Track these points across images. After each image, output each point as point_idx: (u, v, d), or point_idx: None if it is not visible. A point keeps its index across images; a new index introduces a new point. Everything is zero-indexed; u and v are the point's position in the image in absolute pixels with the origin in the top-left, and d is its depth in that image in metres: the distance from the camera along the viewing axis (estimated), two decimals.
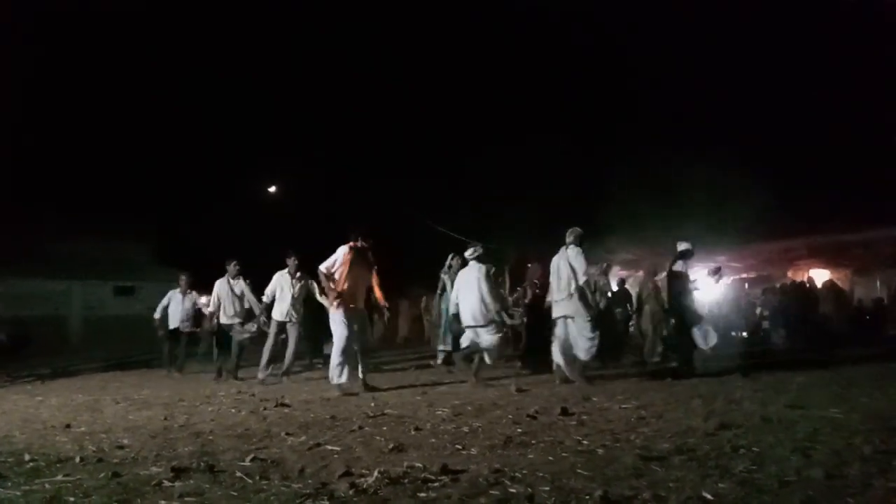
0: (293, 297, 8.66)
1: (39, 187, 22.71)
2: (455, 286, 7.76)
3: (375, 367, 9.57)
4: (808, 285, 14.02)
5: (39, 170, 22.68)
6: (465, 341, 7.50)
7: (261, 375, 8.38)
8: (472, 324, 7.22)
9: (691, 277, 8.01)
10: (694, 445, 3.67)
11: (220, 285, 9.28)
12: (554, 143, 19.33)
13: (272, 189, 24.12)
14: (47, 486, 3.24)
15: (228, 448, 4.08)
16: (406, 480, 3.13)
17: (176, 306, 10.87)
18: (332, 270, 7.05)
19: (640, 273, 12.73)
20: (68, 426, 5.12)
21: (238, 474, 3.36)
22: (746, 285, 17.08)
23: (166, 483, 3.23)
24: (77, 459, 3.78)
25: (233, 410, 5.89)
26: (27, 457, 3.84)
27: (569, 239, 7.33)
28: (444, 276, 9.38)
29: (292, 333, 8.63)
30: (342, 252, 7.08)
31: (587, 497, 2.79)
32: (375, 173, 22.66)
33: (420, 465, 3.40)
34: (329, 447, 4.00)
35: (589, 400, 5.74)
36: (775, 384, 6.40)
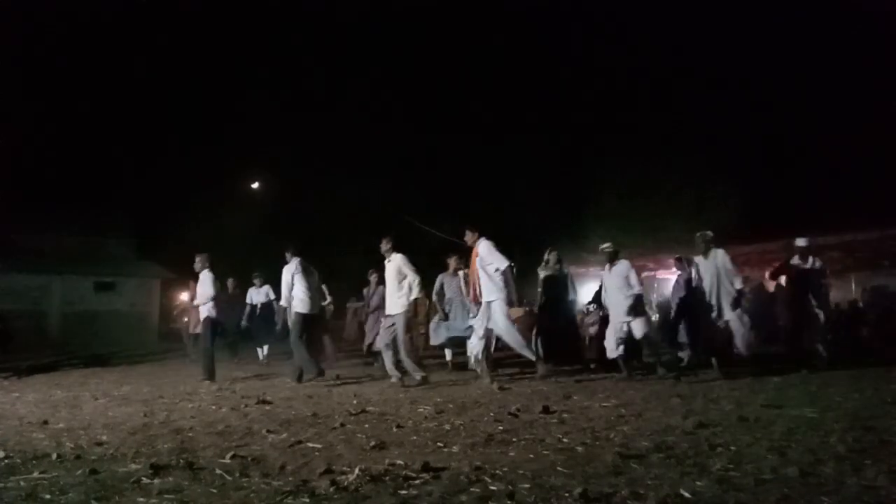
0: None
1: (18, 180, 22.37)
2: (603, 284, 7.73)
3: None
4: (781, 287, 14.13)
5: (19, 163, 22.34)
6: (616, 337, 7.41)
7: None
8: (625, 318, 7.26)
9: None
10: (672, 444, 3.71)
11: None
12: (538, 147, 19.49)
13: (255, 185, 23.97)
14: (23, 483, 3.20)
15: (208, 445, 4.05)
16: (387, 478, 3.14)
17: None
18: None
19: None
20: (45, 422, 5.06)
21: (218, 471, 3.34)
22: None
23: (145, 480, 3.21)
24: (54, 456, 3.74)
25: (213, 407, 5.85)
26: (2, 453, 3.79)
27: (706, 245, 7.41)
28: (541, 273, 9.32)
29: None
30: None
31: (567, 494, 2.81)
32: (363, 173, 22.59)
33: (401, 462, 3.41)
34: (310, 444, 4.00)
35: (570, 398, 5.79)
36: (752, 384, 6.49)
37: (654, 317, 12.52)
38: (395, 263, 7.55)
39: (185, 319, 12.68)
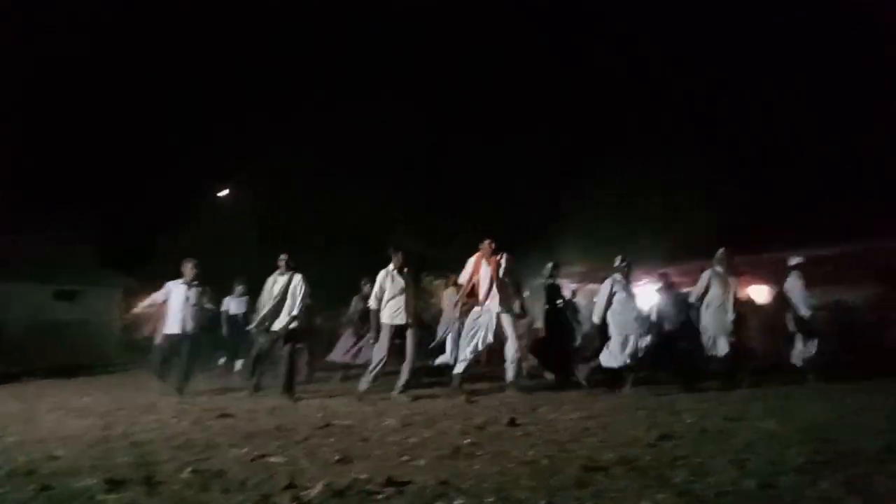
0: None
1: None
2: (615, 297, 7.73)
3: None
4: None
5: None
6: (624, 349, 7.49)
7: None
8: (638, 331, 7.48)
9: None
10: (636, 456, 3.75)
11: None
12: (509, 157, 19.66)
13: (224, 192, 23.62)
14: None
15: (168, 459, 3.96)
16: (351, 492, 3.10)
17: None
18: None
19: (589, 286, 12.89)
20: None
21: (177, 486, 3.27)
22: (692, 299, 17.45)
23: (100, 496, 3.12)
24: (4, 472, 3.61)
25: (174, 420, 5.72)
26: None
27: (730, 261, 7.97)
28: (540, 282, 9.21)
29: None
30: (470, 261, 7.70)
31: None
32: (339, 177, 22.37)
33: (366, 476, 3.37)
34: (273, 459, 3.93)
35: (536, 410, 5.81)
36: (716, 396, 6.60)
37: None
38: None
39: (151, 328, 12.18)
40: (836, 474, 3.23)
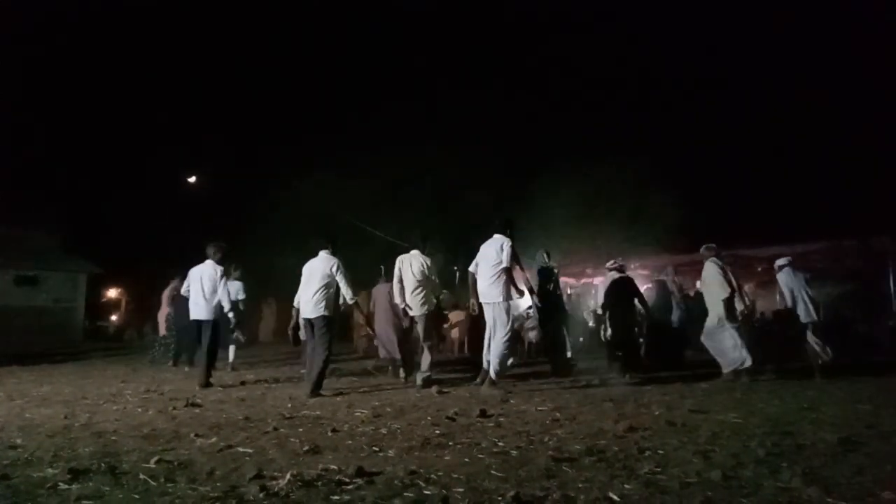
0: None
1: None
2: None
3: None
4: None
5: None
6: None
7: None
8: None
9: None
10: (604, 447, 3.80)
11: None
12: (476, 151, 19.72)
13: (192, 179, 23.17)
14: None
15: (133, 449, 3.90)
16: (320, 483, 3.09)
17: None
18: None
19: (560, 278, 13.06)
20: None
21: (142, 476, 3.21)
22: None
23: (62, 485, 3.05)
24: None
25: (139, 410, 5.63)
26: None
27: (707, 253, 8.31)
28: (536, 267, 9.08)
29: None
30: (511, 247, 7.04)
31: (500, 498, 2.83)
32: (305, 171, 22.16)
33: (335, 467, 3.36)
34: (241, 449, 3.89)
35: (507, 402, 5.85)
36: (682, 390, 6.72)
37: (591, 323, 12.81)
38: None
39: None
40: (795, 466, 3.32)
